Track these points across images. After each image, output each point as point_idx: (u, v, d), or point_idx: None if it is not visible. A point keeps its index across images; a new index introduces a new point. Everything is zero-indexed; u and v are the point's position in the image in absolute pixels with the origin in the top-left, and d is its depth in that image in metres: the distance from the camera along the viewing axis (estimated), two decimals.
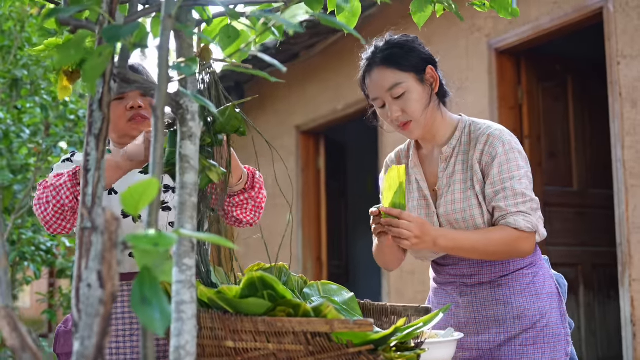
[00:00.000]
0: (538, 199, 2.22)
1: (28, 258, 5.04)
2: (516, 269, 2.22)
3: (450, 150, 2.25)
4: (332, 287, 1.83)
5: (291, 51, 7.51)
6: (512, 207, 2.13)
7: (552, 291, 2.23)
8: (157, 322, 0.95)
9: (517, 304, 2.19)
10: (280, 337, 1.37)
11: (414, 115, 2.19)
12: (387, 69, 2.20)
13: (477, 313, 2.23)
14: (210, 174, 1.65)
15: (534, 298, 2.20)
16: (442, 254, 2.27)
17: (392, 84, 2.18)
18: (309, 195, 7.89)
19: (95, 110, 1.28)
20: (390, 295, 6.22)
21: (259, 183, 2.25)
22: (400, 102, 2.19)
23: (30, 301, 10.42)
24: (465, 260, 2.23)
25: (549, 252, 5.27)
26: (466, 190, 2.19)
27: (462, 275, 2.25)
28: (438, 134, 2.28)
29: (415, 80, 2.20)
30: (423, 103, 2.20)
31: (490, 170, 2.16)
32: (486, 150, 2.18)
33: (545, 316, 2.19)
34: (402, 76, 2.19)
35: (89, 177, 1.25)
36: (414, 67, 2.20)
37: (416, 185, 2.31)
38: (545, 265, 2.29)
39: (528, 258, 2.23)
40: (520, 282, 2.21)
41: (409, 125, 2.21)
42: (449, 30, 5.52)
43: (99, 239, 0.98)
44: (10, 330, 0.98)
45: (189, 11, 1.38)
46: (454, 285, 2.28)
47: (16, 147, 5.39)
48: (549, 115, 5.52)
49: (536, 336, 2.17)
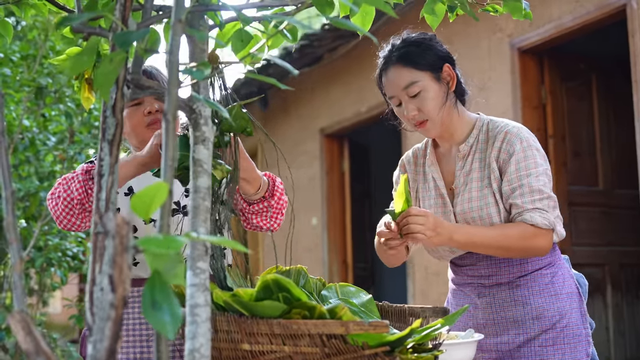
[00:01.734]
0: (556, 197, 2.19)
1: (55, 264, 5.09)
2: (534, 269, 2.19)
3: (468, 148, 2.24)
4: (350, 289, 1.83)
5: (314, 54, 7.53)
6: (529, 203, 2.11)
7: (571, 291, 2.21)
8: (168, 326, 0.95)
9: (536, 305, 2.17)
10: (296, 339, 1.37)
11: (430, 114, 2.18)
12: (403, 67, 2.19)
13: (495, 314, 2.21)
14: (215, 172, 1.66)
15: (553, 298, 2.17)
16: (460, 253, 2.26)
17: (408, 82, 2.18)
18: (334, 199, 7.89)
19: (109, 116, 1.29)
20: (415, 297, 6.20)
21: (278, 190, 2.24)
22: (416, 100, 2.18)
23: (61, 307, 10.51)
24: (482, 260, 2.22)
25: (574, 252, 5.23)
26: (483, 189, 2.18)
27: (480, 275, 2.23)
28: (456, 132, 2.27)
29: (432, 79, 2.19)
30: (439, 102, 2.19)
31: (507, 168, 2.15)
32: (504, 148, 2.17)
33: (565, 316, 2.16)
34: (418, 75, 2.18)
35: (103, 182, 1.26)
36: (430, 66, 2.19)
37: (433, 183, 2.31)
38: (564, 265, 2.27)
39: (546, 258, 2.20)
40: (539, 282, 2.19)
41: (425, 124, 2.20)
42: (471, 31, 5.49)
43: (110, 243, 0.99)
44: (24, 334, 0.99)
45: (201, 16, 1.39)
46: (472, 286, 2.26)
47: (42, 155, 5.45)
48: (573, 114, 5.47)
49: (556, 337, 2.15)
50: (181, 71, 1.21)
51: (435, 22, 1.83)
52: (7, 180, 1.08)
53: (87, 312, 1.17)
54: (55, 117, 5.56)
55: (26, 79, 5.04)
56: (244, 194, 2.17)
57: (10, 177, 1.08)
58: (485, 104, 5.26)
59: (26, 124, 5.07)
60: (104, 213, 1.21)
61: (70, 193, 2.14)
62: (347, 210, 7.95)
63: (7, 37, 2.12)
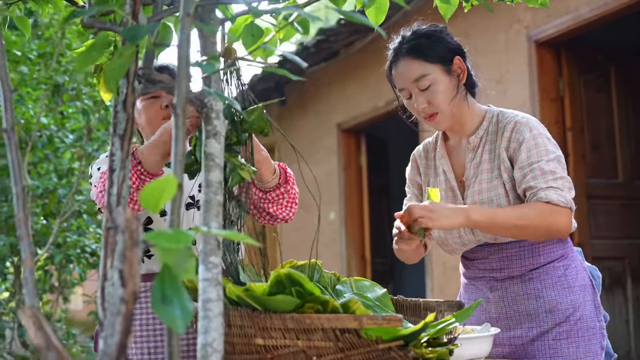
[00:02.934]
0: (575, 190, 2.16)
1: (74, 260, 5.12)
2: (547, 261, 2.18)
3: (478, 140, 2.23)
4: (365, 283, 1.82)
5: (331, 49, 7.51)
6: (542, 183, 2.07)
7: (585, 284, 2.19)
8: (178, 320, 0.95)
9: (548, 298, 2.15)
10: (309, 333, 1.36)
11: (440, 107, 2.17)
12: (414, 59, 2.18)
13: (508, 308, 2.19)
14: (242, 173, 1.65)
15: (566, 291, 2.15)
16: (471, 246, 2.24)
17: (418, 75, 2.16)
18: (351, 193, 7.88)
19: (120, 111, 1.29)
20: (433, 292, 6.18)
21: (291, 177, 2.24)
22: (426, 93, 2.17)
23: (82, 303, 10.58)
24: (494, 253, 2.20)
25: (593, 246, 5.18)
26: (493, 180, 2.17)
27: (492, 269, 2.22)
28: (466, 124, 2.26)
29: (442, 72, 2.17)
30: (449, 95, 2.18)
31: (518, 156, 2.13)
32: (513, 137, 2.15)
33: (578, 309, 2.15)
34: (428, 67, 2.16)
35: (114, 177, 1.26)
36: (441, 58, 2.18)
37: (443, 176, 2.30)
38: (577, 257, 2.25)
39: (559, 250, 2.18)
40: (552, 275, 2.17)
41: (435, 117, 2.19)
42: (488, 24, 5.46)
43: (120, 238, 0.99)
44: (35, 329, 1.00)
45: (211, 10, 1.38)
46: (484, 280, 2.25)
47: (61, 152, 5.48)
48: (591, 106, 5.42)
49: (570, 330, 2.13)
50: (192, 65, 1.20)
51: (449, 11, 1.81)
52: (18, 176, 1.08)
53: (99, 307, 1.17)
54: (72, 114, 5.59)
55: (43, 77, 5.06)
56: (259, 181, 2.17)
57: (21, 173, 1.08)
58: (503, 97, 5.24)
59: (44, 122, 5.09)
60: (115, 208, 1.21)
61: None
62: (365, 205, 7.94)
63: (25, 33, 2.13)
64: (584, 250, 5.09)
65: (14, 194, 1.08)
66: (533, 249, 2.17)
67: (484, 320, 2.20)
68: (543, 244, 2.17)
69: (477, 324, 2.18)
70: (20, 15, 2.07)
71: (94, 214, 5.48)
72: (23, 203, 1.08)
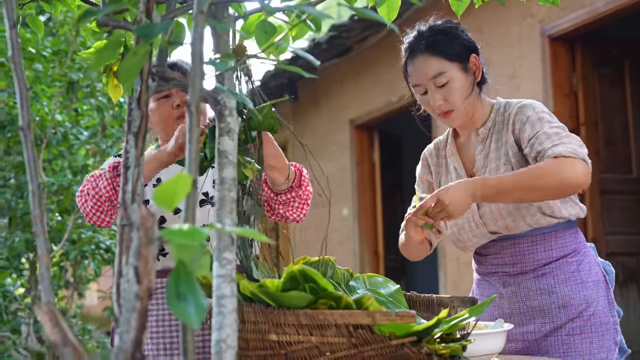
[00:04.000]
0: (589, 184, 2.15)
1: (88, 256, 5.15)
2: (560, 256, 2.18)
3: (487, 131, 2.24)
4: (378, 279, 1.82)
5: (343, 45, 7.51)
6: (549, 144, 2.04)
7: (598, 279, 2.19)
8: (192, 316, 0.96)
9: (561, 293, 2.15)
10: (323, 329, 1.37)
11: (456, 105, 2.18)
12: (432, 56, 2.18)
13: (521, 303, 2.19)
14: (245, 170, 1.67)
15: (579, 286, 2.15)
16: (484, 242, 2.24)
17: (436, 72, 2.17)
18: (364, 190, 7.88)
19: (134, 109, 1.30)
20: (446, 288, 6.18)
21: (305, 180, 2.25)
22: (442, 90, 2.17)
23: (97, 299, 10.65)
24: (507, 248, 2.20)
25: (608, 241, 5.17)
26: (500, 167, 2.17)
27: (505, 264, 2.22)
28: (477, 119, 2.27)
29: (459, 69, 2.18)
30: (465, 92, 2.18)
31: (523, 134, 2.12)
32: (517, 119, 2.16)
33: (591, 304, 2.14)
34: (446, 65, 2.17)
35: (129, 174, 1.27)
36: (458, 56, 2.18)
37: (455, 173, 2.30)
38: (590, 252, 2.24)
39: (571, 244, 2.18)
40: (565, 270, 2.17)
41: (450, 114, 2.20)
42: (501, 18, 5.44)
43: (135, 235, 1.00)
44: (51, 325, 1.01)
45: (225, 8, 1.39)
46: (497, 276, 2.25)
47: (75, 149, 5.51)
48: (605, 101, 5.40)
49: (583, 325, 2.13)
50: (205, 63, 1.21)
51: (461, 7, 1.81)
52: (34, 173, 1.09)
53: (115, 303, 1.18)
54: (87, 111, 5.62)
55: (58, 74, 5.09)
56: (272, 183, 2.18)
57: (36, 171, 1.09)
58: (516, 92, 5.23)
59: (59, 119, 5.12)
60: (130, 205, 1.22)
61: (98, 190, 2.16)
62: (378, 201, 7.94)
63: (38, 33, 2.14)
64: (598, 246, 5.09)
65: (29, 191, 1.10)
66: (545, 243, 2.17)
67: (497, 316, 2.20)
68: (555, 237, 2.17)
69: (490, 319, 2.19)
70: (33, 15, 2.09)
71: None
72: (39, 200, 1.09)
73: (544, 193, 2.01)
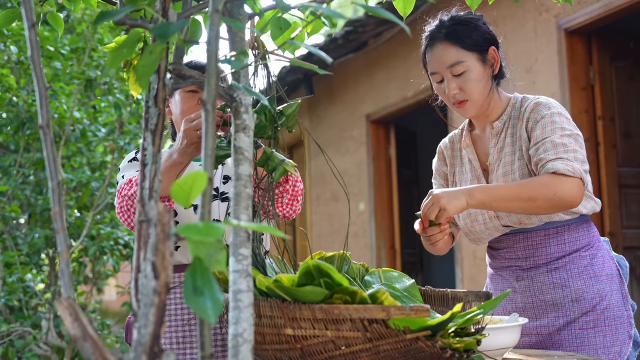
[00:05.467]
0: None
1: (107, 252, 5.20)
2: (572, 249, 2.18)
3: (501, 125, 2.24)
4: (393, 274, 1.83)
5: (359, 40, 7.52)
6: (552, 155, 2.05)
7: (611, 273, 2.19)
8: (209, 311, 0.97)
9: (575, 287, 2.15)
10: (338, 324, 1.38)
11: (472, 95, 2.19)
12: (451, 45, 2.19)
13: (534, 297, 2.20)
14: (286, 166, 1.69)
15: (592, 280, 2.15)
16: (497, 235, 2.25)
17: (454, 61, 2.18)
18: (381, 184, 7.88)
19: (151, 106, 1.31)
20: (463, 282, 6.18)
21: (293, 176, 2.25)
22: (459, 79, 2.18)
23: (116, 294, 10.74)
24: (520, 242, 2.21)
25: (625, 235, 5.14)
26: (515, 162, 2.17)
27: (517, 257, 2.22)
28: (492, 112, 2.28)
29: (477, 60, 2.19)
30: (482, 83, 2.19)
31: (533, 133, 2.13)
32: (532, 117, 2.16)
33: (605, 298, 2.15)
34: (464, 54, 2.18)
35: (146, 171, 1.28)
36: (477, 47, 2.19)
37: (469, 165, 2.31)
38: (604, 246, 2.25)
39: (584, 238, 2.18)
40: (578, 264, 2.17)
41: (465, 104, 2.21)
42: (517, 12, 5.43)
43: (152, 231, 1.02)
44: (72, 320, 1.03)
45: (240, 5, 1.40)
46: (510, 270, 2.25)
47: (93, 146, 5.56)
48: (622, 94, 5.37)
49: (597, 319, 2.13)
50: (220, 61, 1.22)
51: (475, 2, 1.82)
52: (54, 171, 1.11)
53: (133, 298, 1.20)
54: (105, 108, 5.66)
55: (76, 72, 5.13)
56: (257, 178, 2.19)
57: (56, 168, 1.11)
58: (532, 86, 5.21)
59: (77, 116, 5.16)
60: (147, 202, 1.24)
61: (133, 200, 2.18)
62: (395, 196, 7.94)
63: (58, 30, 2.17)
64: (615, 240, 5.07)
65: (49, 188, 1.12)
66: (558, 237, 2.18)
67: (511, 310, 2.21)
68: (568, 231, 2.17)
69: (503, 313, 2.19)
70: (53, 13, 2.11)
71: None
72: (59, 197, 1.11)
73: (534, 208, 2.03)
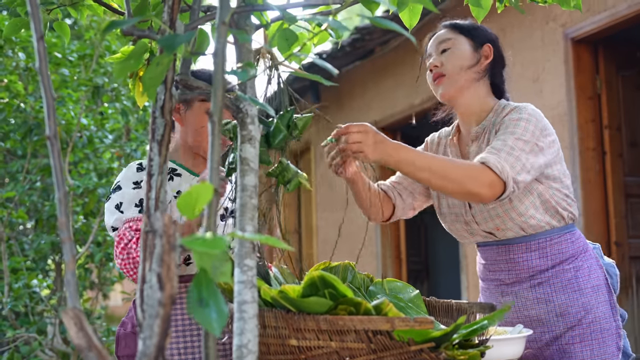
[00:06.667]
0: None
1: (112, 259, 5.21)
2: (555, 262, 2.15)
3: (481, 130, 2.22)
4: (398, 284, 1.84)
5: (366, 47, 7.53)
6: (494, 150, 2.00)
7: (598, 284, 2.15)
8: (214, 323, 0.98)
9: (558, 302, 2.13)
10: (342, 335, 1.39)
11: (449, 70, 2.20)
12: (450, 31, 2.26)
13: (519, 313, 2.17)
14: (301, 179, 1.71)
15: (577, 294, 2.12)
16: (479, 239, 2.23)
17: (444, 38, 2.25)
18: None
19: (158, 117, 1.32)
20: (469, 290, 6.17)
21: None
22: (443, 56, 2.23)
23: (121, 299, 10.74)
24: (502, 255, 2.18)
25: (631, 245, 5.13)
26: None
27: (500, 270, 2.20)
28: (475, 115, 2.25)
29: (467, 42, 2.23)
30: (464, 63, 2.21)
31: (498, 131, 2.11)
32: (505, 118, 2.13)
33: (590, 312, 2.12)
34: (456, 35, 2.24)
35: (152, 181, 1.29)
36: (472, 35, 2.24)
37: None
38: (591, 256, 2.20)
39: (569, 250, 2.16)
40: (561, 278, 2.14)
41: (442, 79, 2.21)
42: (524, 21, 5.43)
43: (158, 242, 1.02)
44: (77, 330, 1.03)
45: (247, 17, 1.41)
46: (495, 284, 2.24)
47: (100, 152, 5.57)
48: (629, 104, 5.37)
49: (583, 333, 2.10)
50: (227, 72, 1.23)
51: (481, 14, 1.83)
52: (61, 181, 1.12)
53: (138, 309, 1.21)
54: (112, 115, 5.68)
55: (84, 79, 5.15)
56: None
57: (63, 179, 1.12)
58: (539, 95, 5.21)
59: (84, 123, 5.18)
60: (153, 213, 1.25)
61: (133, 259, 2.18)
62: None
63: (64, 38, 2.18)
64: (622, 249, 5.06)
65: (56, 198, 1.12)
66: (540, 250, 2.15)
67: (499, 325, 2.19)
68: (551, 244, 2.15)
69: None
70: (60, 21, 2.12)
71: None
72: (65, 207, 1.11)
73: (449, 188, 1.95)
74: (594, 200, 5.09)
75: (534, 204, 2.11)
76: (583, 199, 5.03)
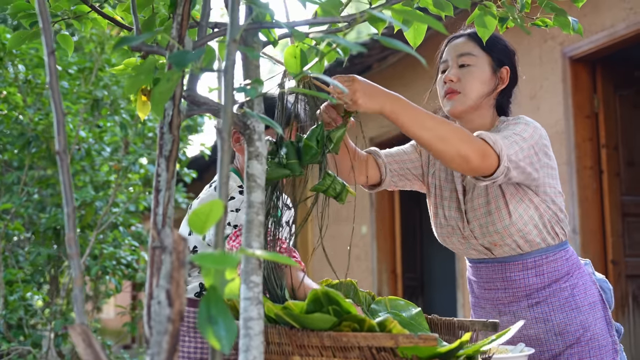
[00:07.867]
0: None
1: (109, 272, 5.19)
2: (551, 280, 2.14)
3: None
4: (400, 302, 1.84)
5: (364, 64, 7.55)
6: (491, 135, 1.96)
7: (594, 301, 2.15)
8: (223, 340, 0.98)
9: (557, 321, 2.12)
10: (346, 351, 1.39)
11: (466, 89, 2.16)
12: (471, 40, 2.20)
13: (517, 332, 2.15)
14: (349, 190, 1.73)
15: (575, 312, 2.12)
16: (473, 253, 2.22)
17: (466, 51, 2.18)
18: (383, 208, 7.88)
19: (166, 133, 1.33)
20: (464, 307, 6.16)
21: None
22: (462, 70, 2.17)
23: (114, 312, 10.73)
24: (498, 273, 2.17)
25: (628, 264, 5.14)
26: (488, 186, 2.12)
27: (497, 289, 2.19)
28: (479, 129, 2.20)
29: (488, 64, 2.19)
30: (482, 87, 2.17)
31: None
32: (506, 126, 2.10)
33: (588, 329, 2.12)
34: (479, 51, 2.18)
35: (160, 197, 1.30)
36: (493, 52, 2.19)
37: (450, 177, 2.28)
38: (585, 272, 2.20)
39: (564, 268, 2.15)
40: (559, 297, 2.13)
41: (455, 95, 2.17)
42: (523, 39, 5.46)
43: (167, 258, 1.02)
44: (85, 346, 1.03)
45: (255, 34, 1.42)
46: (492, 304, 2.22)
47: (98, 165, 5.57)
48: (626, 123, 5.39)
49: (581, 351, 2.10)
50: (235, 89, 1.24)
51: (486, 34, 1.83)
52: (70, 197, 1.12)
53: (145, 325, 1.20)
54: (110, 128, 5.68)
55: (83, 92, 5.15)
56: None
57: (72, 194, 1.12)
58: (537, 112, 5.23)
59: (82, 135, 5.18)
60: (162, 228, 1.25)
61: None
62: (397, 220, 7.93)
63: (68, 51, 2.19)
64: (618, 268, 5.07)
65: (65, 214, 1.12)
66: (537, 268, 2.14)
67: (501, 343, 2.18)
68: (547, 261, 2.14)
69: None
70: (63, 33, 2.13)
71: (129, 226, 5.56)
72: (73, 223, 1.12)
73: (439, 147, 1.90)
74: (591, 218, 5.11)
75: (532, 219, 2.11)
76: (580, 217, 5.05)
